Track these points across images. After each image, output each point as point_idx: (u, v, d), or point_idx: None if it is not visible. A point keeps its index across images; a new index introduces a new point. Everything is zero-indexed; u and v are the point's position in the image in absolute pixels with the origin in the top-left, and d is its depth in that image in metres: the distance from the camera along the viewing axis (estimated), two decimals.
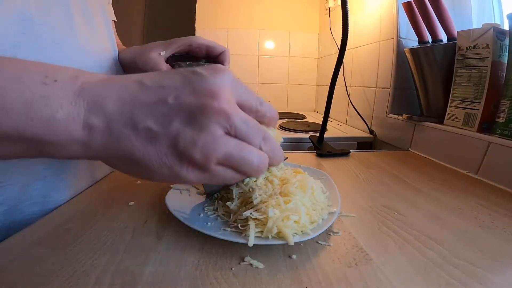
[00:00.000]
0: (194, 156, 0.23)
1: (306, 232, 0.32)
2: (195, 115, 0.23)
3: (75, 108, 0.23)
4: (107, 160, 0.25)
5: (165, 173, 0.24)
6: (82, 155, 0.24)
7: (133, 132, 0.23)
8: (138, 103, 0.24)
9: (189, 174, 0.24)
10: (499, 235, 0.36)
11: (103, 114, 0.23)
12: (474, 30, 0.63)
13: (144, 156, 0.23)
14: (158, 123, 0.23)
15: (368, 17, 1.07)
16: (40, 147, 0.23)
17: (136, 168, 0.24)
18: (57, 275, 0.27)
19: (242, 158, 0.24)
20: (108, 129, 0.23)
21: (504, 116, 0.56)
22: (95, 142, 0.24)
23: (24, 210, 0.39)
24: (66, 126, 0.23)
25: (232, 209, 0.36)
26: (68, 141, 0.23)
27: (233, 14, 1.64)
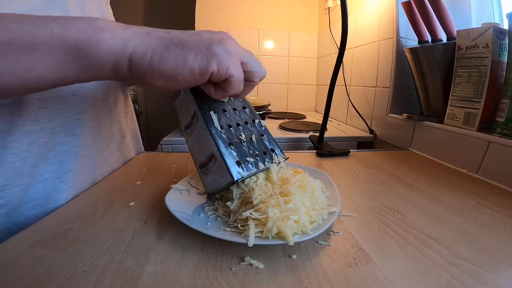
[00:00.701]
0: (229, 44, 0.31)
1: (306, 232, 0.32)
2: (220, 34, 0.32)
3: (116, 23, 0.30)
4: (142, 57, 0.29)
5: (202, 49, 0.30)
6: (120, 50, 0.28)
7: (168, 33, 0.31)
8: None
9: (224, 51, 0.30)
10: (499, 235, 0.36)
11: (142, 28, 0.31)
12: (474, 29, 0.63)
13: (182, 39, 0.30)
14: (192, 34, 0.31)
15: (367, 16, 1.07)
16: (80, 48, 0.27)
17: (172, 52, 0.29)
18: (58, 275, 0.27)
19: (254, 64, 0.34)
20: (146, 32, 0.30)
21: (504, 115, 0.56)
22: (133, 38, 0.29)
23: (25, 213, 0.39)
24: (108, 26, 0.29)
25: (232, 209, 0.36)
26: (111, 36, 0.28)
27: (232, 14, 1.64)
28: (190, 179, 0.47)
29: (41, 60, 0.26)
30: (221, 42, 0.30)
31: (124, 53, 0.29)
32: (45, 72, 0.27)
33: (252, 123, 0.42)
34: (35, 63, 0.26)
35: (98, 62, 0.28)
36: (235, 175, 0.34)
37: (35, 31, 0.26)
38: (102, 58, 0.28)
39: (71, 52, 0.27)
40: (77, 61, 0.27)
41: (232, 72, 0.31)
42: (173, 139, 0.95)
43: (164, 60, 0.29)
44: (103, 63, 0.28)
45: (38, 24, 0.26)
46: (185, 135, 0.40)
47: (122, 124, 0.64)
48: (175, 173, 0.57)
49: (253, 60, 0.33)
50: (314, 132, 1.02)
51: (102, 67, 0.29)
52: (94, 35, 0.27)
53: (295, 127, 1.09)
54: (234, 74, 0.31)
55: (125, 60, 0.29)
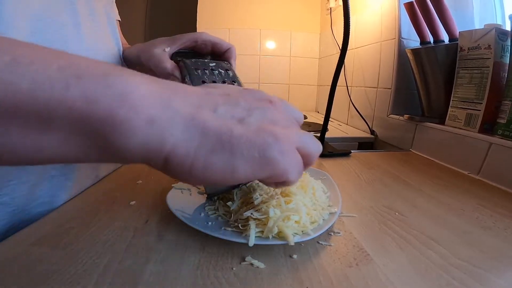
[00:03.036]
0: (282, 134, 0.24)
1: (307, 232, 0.32)
2: (269, 103, 0.27)
3: (155, 87, 0.22)
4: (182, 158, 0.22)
5: (255, 156, 0.23)
6: (156, 146, 0.21)
7: (216, 117, 0.23)
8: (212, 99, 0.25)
9: (279, 154, 0.24)
10: (501, 236, 0.36)
11: (184, 99, 0.23)
12: (476, 30, 0.63)
13: (232, 137, 0.23)
14: (241, 111, 0.25)
15: (369, 17, 1.07)
16: (105, 132, 0.19)
17: (220, 158, 0.22)
18: (59, 274, 0.27)
19: (310, 145, 0.27)
20: (190, 115, 0.22)
21: (505, 116, 0.56)
22: (174, 126, 0.21)
23: (32, 210, 0.39)
24: (147, 104, 0.20)
25: (232, 209, 0.36)
26: (147, 120, 0.20)
27: (234, 14, 1.64)
28: None
29: (49, 140, 0.19)
30: (276, 139, 0.24)
31: (160, 149, 0.21)
32: (53, 154, 0.20)
33: None
34: (39, 143, 0.19)
35: (124, 151, 0.21)
36: None
37: (51, 96, 0.18)
38: (131, 148, 0.20)
39: (90, 136, 0.19)
40: (98, 149, 0.20)
41: (291, 178, 0.25)
42: None
43: (209, 168, 0.22)
44: (130, 153, 0.21)
45: (57, 83, 0.18)
46: None
47: None
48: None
49: (308, 140, 0.27)
50: (315, 132, 1.02)
51: (129, 156, 0.21)
52: (126, 118, 0.19)
53: None
54: (293, 178, 0.26)
55: (160, 158, 0.22)
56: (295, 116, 0.30)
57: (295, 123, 0.29)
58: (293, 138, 0.25)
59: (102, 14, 0.50)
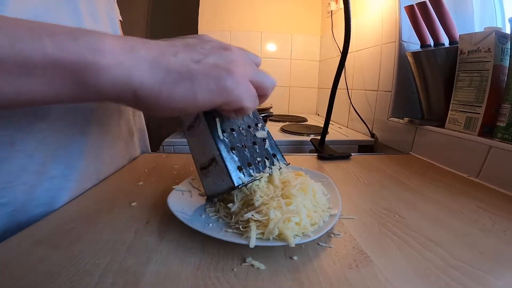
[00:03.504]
0: (236, 68, 0.29)
1: (307, 234, 0.32)
2: (225, 48, 0.31)
3: (122, 42, 0.27)
4: (149, 91, 0.27)
5: (211, 85, 0.28)
6: (124, 81, 0.26)
7: (176, 59, 0.28)
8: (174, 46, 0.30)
9: (233, 83, 0.29)
10: (500, 238, 0.36)
11: (148, 49, 0.28)
12: (476, 33, 0.63)
13: (191, 71, 0.28)
14: (198, 55, 0.29)
15: (370, 20, 1.08)
16: (78, 74, 0.24)
17: (181, 87, 0.27)
18: (60, 274, 0.27)
19: (263, 78, 0.32)
20: (153, 58, 0.27)
21: (505, 120, 0.56)
22: (139, 67, 0.26)
23: (31, 211, 0.39)
24: (112, 50, 0.25)
25: (233, 211, 0.36)
26: (114, 62, 0.25)
27: (235, 16, 1.64)
28: (191, 180, 0.47)
29: (32, 83, 0.23)
30: (230, 72, 0.29)
31: (129, 85, 0.26)
32: (36, 95, 0.24)
33: (255, 127, 0.41)
34: (24, 86, 0.23)
35: (98, 90, 0.25)
36: (236, 181, 0.34)
37: (26, 48, 0.22)
38: (102, 87, 0.25)
39: (67, 78, 0.24)
40: (74, 87, 0.25)
41: (245, 104, 0.30)
42: (175, 140, 0.95)
43: (173, 97, 0.27)
44: (104, 91, 0.26)
45: (30, 40, 0.22)
46: (186, 136, 0.40)
47: (130, 122, 0.64)
48: (177, 174, 0.58)
49: (262, 75, 0.32)
50: (315, 135, 1.02)
51: (103, 95, 0.26)
52: (94, 60, 0.24)
53: (297, 130, 1.09)
54: (247, 105, 0.31)
55: (129, 92, 0.26)
56: (253, 59, 0.34)
57: (252, 63, 0.34)
58: (246, 72, 0.31)
59: (104, 14, 0.50)
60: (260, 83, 0.32)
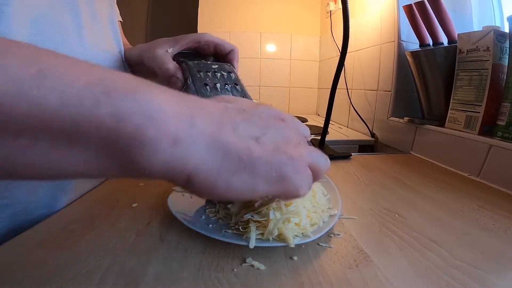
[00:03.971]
0: (295, 152, 0.26)
1: (307, 234, 0.32)
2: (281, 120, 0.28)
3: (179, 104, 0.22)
4: (205, 178, 0.22)
5: (272, 175, 0.24)
6: (179, 162, 0.21)
7: (237, 137, 0.24)
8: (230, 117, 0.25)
9: (293, 173, 0.25)
10: (501, 237, 0.36)
11: (206, 116, 0.23)
12: (475, 32, 0.63)
13: (252, 159, 0.24)
14: (258, 130, 0.26)
15: (369, 20, 1.08)
16: (130, 150, 0.19)
17: (241, 178, 0.23)
18: (61, 275, 0.27)
19: (320, 161, 0.29)
20: (211, 133, 0.23)
21: (505, 119, 0.56)
22: (197, 146, 0.21)
23: (32, 213, 0.38)
24: (172, 120, 0.20)
25: (233, 212, 0.36)
26: (171, 141, 0.20)
27: (234, 17, 1.65)
28: None
29: (77, 156, 0.18)
30: (290, 158, 0.25)
31: (183, 169, 0.21)
32: (76, 170, 0.19)
33: None
34: (63, 160, 0.18)
35: (147, 170, 0.20)
36: None
37: (78, 113, 0.17)
38: (154, 167, 0.20)
39: (117, 155, 0.19)
40: (119, 165, 0.20)
41: (301, 193, 0.27)
42: None
43: (230, 188, 0.23)
44: (153, 173, 0.21)
45: (85, 99, 0.17)
46: None
47: None
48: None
49: (318, 158, 0.29)
50: (315, 135, 1.02)
51: (150, 176, 0.21)
52: (152, 138, 0.19)
53: None
54: (303, 193, 0.27)
55: (182, 176, 0.22)
56: (303, 132, 0.31)
57: (304, 139, 0.30)
58: (305, 156, 0.27)
59: (104, 15, 0.50)
60: (316, 167, 0.28)
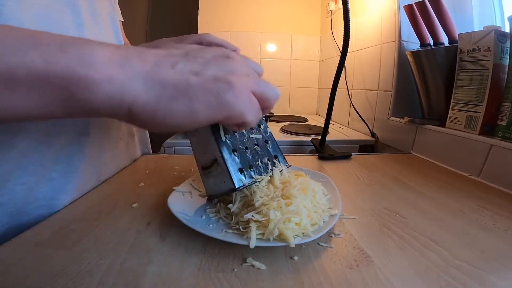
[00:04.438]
0: (237, 80, 0.27)
1: (307, 234, 0.32)
2: (226, 57, 0.30)
3: (115, 52, 0.25)
4: (144, 108, 0.25)
5: (211, 100, 0.26)
6: (117, 98, 0.24)
7: (174, 72, 0.26)
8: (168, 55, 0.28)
9: (234, 97, 0.27)
10: (501, 237, 0.36)
11: (143, 60, 0.26)
12: (475, 32, 0.63)
13: (188, 86, 0.26)
14: (197, 65, 0.28)
15: (369, 20, 1.08)
16: (68, 89, 0.22)
17: (179, 104, 0.25)
18: (61, 275, 0.27)
19: (266, 89, 0.30)
20: (148, 72, 0.25)
21: (505, 118, 0.56)
22: (133, 82, 0.24)
23: (30, 213, 0.38)
24: (105, 62, 0.24)
25: (233, 212, 0.36)
26: (106, 77, 0.23)
27: (235, 16, 1.65)
28: (192, 181, 0.47)
29: (17, 98, 0.22)
30: (230, 85, 0.27)
31: (122, 101, 0.24)
32: (22, 111, 0.23)
33: (258, 128, 0.41)
34: (9, 101, 0.22)
35: (90, 106, 0.24)
36: (237, 183, 0.34)
37: (11, 61, 0.21)
38: (94, 103, 0.24)
39: (56, 94, 0.23)
40: (64, 103, 0.23)
41: (247, 118, 0.28)
42: (176, 142, 0.95)
43: (169, 114, 0.25)
44: (96, 108, 0.24)
45: (16, 51, 0.21)
46: (189, 136, 0.40)
47: None
48: (177, 175, 0.58)
49: (265, 86, 0.30)
50: (316, 135, 1.02)
51: (95, 111, 0.25)
52: (84, 75, 0.22)
53: (297, 130, 1.09)
54: (250, 119, 0.28)
55: (123, 109, 0.25)
56: (254, 68, 0.33)
57: (253, 73, 0.32)
58: (247, 83, 0.28)
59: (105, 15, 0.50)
60: (263, 95, 0.30)
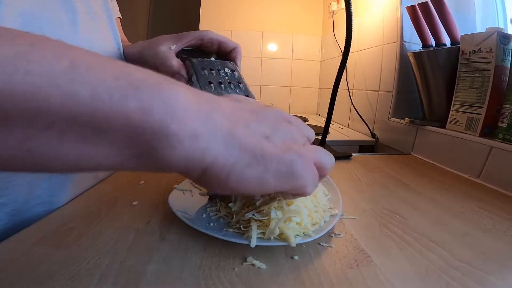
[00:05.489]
0: (303, 151, 0.26)
1: (308, 234, 0.32)
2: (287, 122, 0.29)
3: (198, 99, 0.23)
4: (219, 171, 0.23)
5: (282, 170, 0.25)
6: (198, 156, 0.21)
7: (250, 133, 0.25)
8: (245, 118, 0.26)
9: (301, 169, 0.26)
10: (500, 238, 0.36)
11: (221, 112, 0.24)
12: (478, 34, 0.63)
13: (264, 154, 0.24)
14: (269, 128, 0.27)
15: (371, 20, 1.08)
16: (152, 145, 0.19)
17: (252, 172, 0.24)
18: (61, 273, 0.27)
19: (325, 159, 0.29)
20: (228, 129, 0.23)
21: (506, 120, 0.56)
22: (214, 140, 0.22)
23: (31, 210, 0.38)
24: (190, 114, 0.21)
25: (234, 211, 0.36)
26: (191, 133, 0.20)
27: (236, 16, 1.65)
28: None
29: (102, 149, 0.19)
30: (300, 156, 0.26)
31: (200, 163, 0.22)
32: (99, 163, 0.20)
33: None
34: (89, 153, 0.19)
35: (167, 163, 0.21)
36: None
37: (107, 107, 0.17)
38: (173, 161, 0.21)
39: (140, 148, 0.19)
40: (142, 158, 0.20)
41: (308, 190, 0.27)
42: None
43: (242, 180, 0.24)
44: (173, 165, 0.21)
45: (114, 93, 0.17)
46: None
47: None
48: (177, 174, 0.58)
49: (324, 156, 0.29)
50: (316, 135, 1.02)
51: (170, 168, 0.22)
52: (175, 131, 0.19)
53: None
54: (310, 191, 0.28)
55: (199, 168, 0.22)
56: (308, 134, 0.32)
57: (307, 140, 0.31)
58: (311, 154, 0.28)
59: (101, 11, 0.50)
60: (322, 165, 0.28)
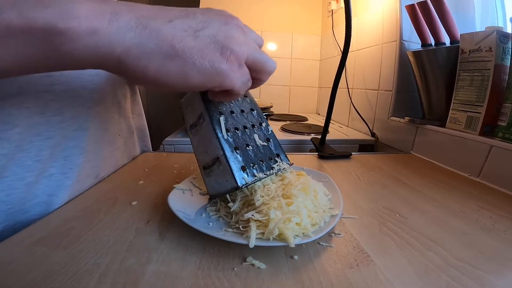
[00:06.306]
0: (234, 47, 0.27)
1: (308, 234, 0.32)
2: (227, 21, 0.29)
3: (101, 7, 0.24)
4: (135, 61, 0.25)
5: (206, 66, 0.26)
6: (105, 50, 0.24)
7: (171, 27, 0.25)
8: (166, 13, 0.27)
9: (228, 67, 0.26)
10: (500, 238, 0.36)
11: (136, 13, 0.25)
12: (477, 33, 0.63)
13: (185, 47, 0.25)
14: (196, 24, 0.27)
15: (370, 19, 1.07)
16: (50, 42, 0.22)
17: (173, 63, 0.25)
18: (60, 274, 0.27)
19: (261, 60, 0.29)
20: (142, 24, 0.25)
21: (506, 119, 0.56)
22: (123, 34, 0.24)
23: (29, 210, 0.38)
24: (87, 16, 0.23)
25: (233, 211, 0.36)
26: (90, 29, 0.23)
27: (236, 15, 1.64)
28: (192, 179, 0.47)
29: (5, 48, 0.22)
30: (226, 52, 0.27)
31: (111, 54, 0.24)
32: (6, 63, 0.23)
33: (259, 126, 0.41)
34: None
35: (75, 58, 0.24)
36: (240, 181, 0.34)
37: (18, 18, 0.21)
38: (79, 55, 0.24)
39: (39, 45, 0.23)
40: (48, 54, 0.23)
41: (235, 88, 0.28)
42: (175, 139, 0.95)
43: (162, 71, 0.25)
44: (81, 59, 0.24)
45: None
46: (189, 135, 0.40)
47: (129, 120, 0.64)
48: (177, 173, 0.58)
49: (260, 57, 0.29)
50: (316, 134, 1.02)
51: (82, 63, 0.25)
52: (67, 27, 0.22)
53: (297, 129, 1.09)
54: (237, 89, 0.28)
55: (112, 60, 0.25)
56: (254, 38, 0.32)
57: (252, 42, 0.31)
58: (243, 53, 0.28)
59: None
60: (257, 65, 0.29)
